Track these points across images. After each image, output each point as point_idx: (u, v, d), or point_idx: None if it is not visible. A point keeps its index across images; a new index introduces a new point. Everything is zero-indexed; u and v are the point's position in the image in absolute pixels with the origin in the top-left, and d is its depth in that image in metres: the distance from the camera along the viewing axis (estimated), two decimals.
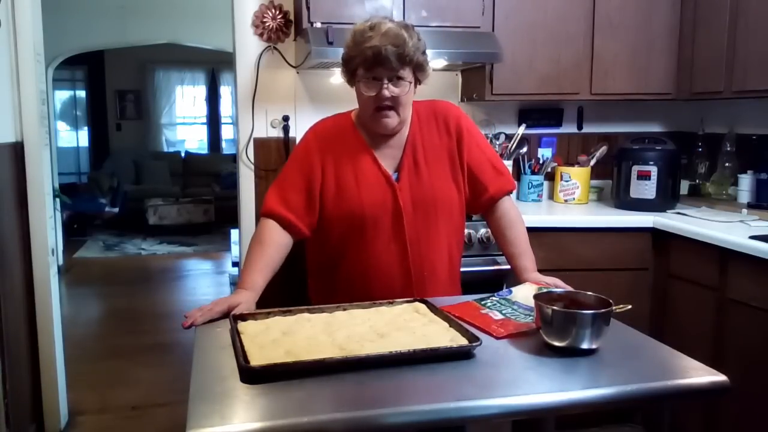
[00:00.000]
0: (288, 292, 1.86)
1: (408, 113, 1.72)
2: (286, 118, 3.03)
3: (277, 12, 2.93)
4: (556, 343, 1.28)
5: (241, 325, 1.36)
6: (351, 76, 1.68)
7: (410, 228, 1.69)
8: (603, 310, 1.27)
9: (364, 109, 1.68)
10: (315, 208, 1.71)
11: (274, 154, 3.02)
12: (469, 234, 2.62)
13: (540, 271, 1.73)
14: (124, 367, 3.75)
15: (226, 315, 1.45)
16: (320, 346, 1.24)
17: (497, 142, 3.12)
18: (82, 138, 9.98)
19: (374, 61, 1.58)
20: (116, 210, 8.44)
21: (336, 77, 3.01)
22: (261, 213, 1.73)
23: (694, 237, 2.49)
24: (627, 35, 2.96)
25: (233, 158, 6.76)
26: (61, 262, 5.95)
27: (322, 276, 1.82)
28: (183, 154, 9.71)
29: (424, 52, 1.66)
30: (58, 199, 3.32)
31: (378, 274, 1.69)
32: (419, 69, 1.66)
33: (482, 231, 2.64)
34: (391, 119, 1.66)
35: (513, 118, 3.27)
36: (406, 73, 1.63)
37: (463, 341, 1.27)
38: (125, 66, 9.46)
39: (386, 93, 1.61)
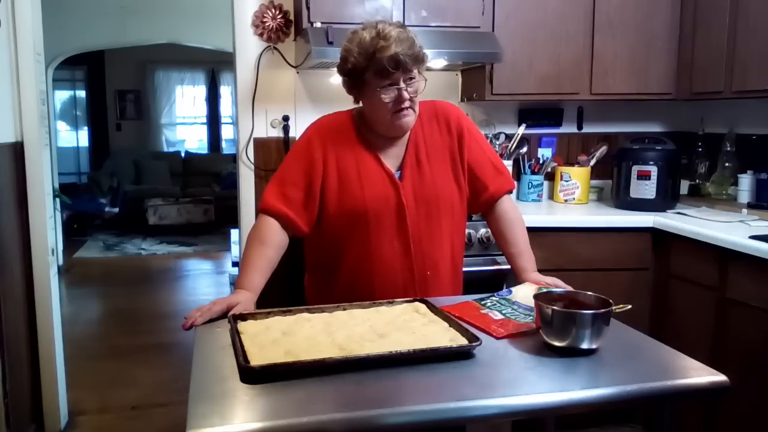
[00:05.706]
0: (286, 289, 1.86)
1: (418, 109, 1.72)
2: (286, 118, 3.03)
3: (277, 12, 2.93)
4: (556, 343, 1.28)
5: (241, 325, 1.36)
6: (360, 86, 1.66)
7: (413, 225, 1.69)
8: (603, 310, 1.27)
9: (382, 115, 1.65)
10: (315, 204, 1.70)
11: (274, 154, 3.02)
12: (469, 234, 2.62)
13: (540, 271, 1.73)
14: (124, 367, 3.76)
15: (225, 314, 1.45)
16: (320, 346, 1.24)
17: (497, 142, 3.12)
18: (82, 138, 9.99)
19: (393, 68, 1.58)
20: (116, 210, 8.44)
21: (336, 77, 3.00)
22: (260, 209, 1.71)
23: (694, 237, 2.49)
24: (627, 35, 2.96)
25: (233, 158, 6.74)
26: (61, 262, 5.95)
27: (321, 272, 1.81)
28: (183, 154, 9.71)
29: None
30: (58, 199, 3.32)
31: (381, 270, 1.69)
32: (423, 63, 1.67)
33: (482, 231, 2.64)
34: (411, 117, 1.66)
35: (513, 118, 3.27)
36: (416, 71, 1.64)
37: (463, 341, 1.27)
38: (125, 66, 9.47)
39: (406, 94, 1.62)
